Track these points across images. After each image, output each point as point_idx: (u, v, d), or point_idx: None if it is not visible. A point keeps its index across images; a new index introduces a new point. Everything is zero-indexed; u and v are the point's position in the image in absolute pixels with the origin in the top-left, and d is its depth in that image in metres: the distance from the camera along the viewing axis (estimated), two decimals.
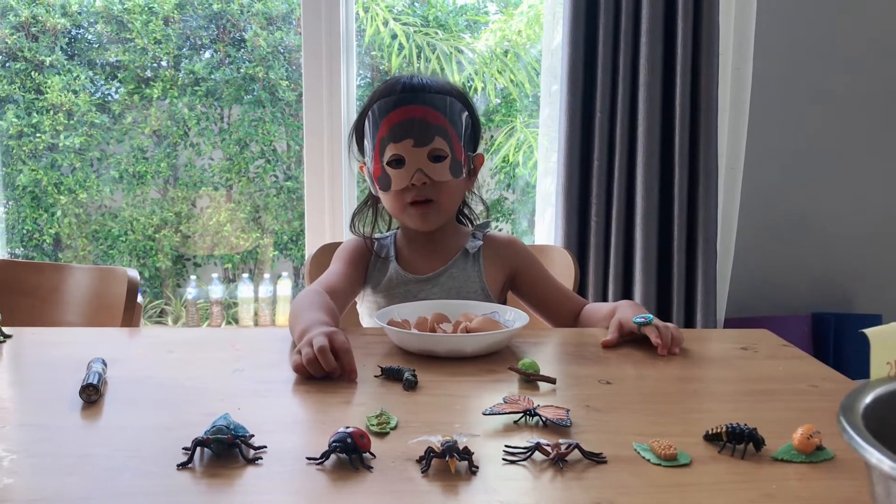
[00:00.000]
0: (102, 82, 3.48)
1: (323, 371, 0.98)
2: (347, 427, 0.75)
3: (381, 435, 0.81)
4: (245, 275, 3.42)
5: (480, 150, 1.44)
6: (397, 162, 1.31)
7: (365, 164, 1.39)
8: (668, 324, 1.16)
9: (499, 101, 3.49)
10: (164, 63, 3.48)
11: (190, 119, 3.45)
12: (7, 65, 3.34)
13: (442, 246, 1.42)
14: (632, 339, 1.17)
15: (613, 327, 1.19)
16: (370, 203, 1.46)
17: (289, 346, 1.16)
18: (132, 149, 3.44)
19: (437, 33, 3.37)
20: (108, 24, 3.42)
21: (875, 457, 0.48)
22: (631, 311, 1.20)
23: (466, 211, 1.50)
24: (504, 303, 1.43)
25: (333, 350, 0.99)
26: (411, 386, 0.96)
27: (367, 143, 1.35)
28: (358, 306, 1.47)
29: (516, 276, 1.45)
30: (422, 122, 1.29)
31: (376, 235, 1.46)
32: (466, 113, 1.36)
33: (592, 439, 0.80)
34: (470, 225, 1.50)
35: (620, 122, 2.18)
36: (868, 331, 0.65)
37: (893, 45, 2.45)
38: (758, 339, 1.24)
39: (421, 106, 1.30)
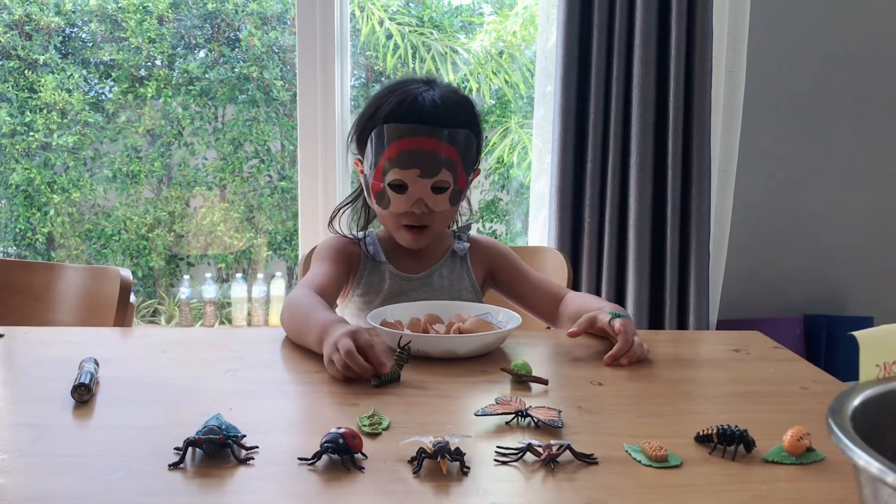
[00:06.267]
0: (96, 81, 3.47)
1: (357, 374, 0.98)
2: (339, 427, 0.75)
3: (373, 436, 0.81)
4: (238, 275, 3.41)
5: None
6: (399, 187, 1.29)
7: (361, 162, 1.36)
8: (637, 338, 1.13)
9: (493, 101, 3.49)
10: (158, 62, 3.47)
11: (184, 118, 3.44)
12: (0, 63, 3.33)
13: (429, 248, 1.42)
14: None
15: (584, 321, 1.17)
16: (360, 200, 1.44)
17: (280, 346, 1.16)
18: (126, 148, 3.43)
19: (432, 33, 3.37)
20: (102, 22, 3.41)
21: (863, 459, 0.49)
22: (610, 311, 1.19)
23: None
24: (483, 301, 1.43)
25: (359, 349, 0.99)
26: (395, 376, 0.99)
27: (370, 153, 1.31)
28: (340, 307, 1.44)
29: (495, 273, 1.46)
30: (431, 155, 1.27)
31: (358, 235, 1.44)
32: (474, 137, 1.33)
33: (584, 440, 0.80)
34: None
35: (614, 124, 2.18)
36: (858, 333, 0.65)
37: (887, 49, 2.46)
38: (749, 341, 1.24)
39: (434, 140, 1.26)
